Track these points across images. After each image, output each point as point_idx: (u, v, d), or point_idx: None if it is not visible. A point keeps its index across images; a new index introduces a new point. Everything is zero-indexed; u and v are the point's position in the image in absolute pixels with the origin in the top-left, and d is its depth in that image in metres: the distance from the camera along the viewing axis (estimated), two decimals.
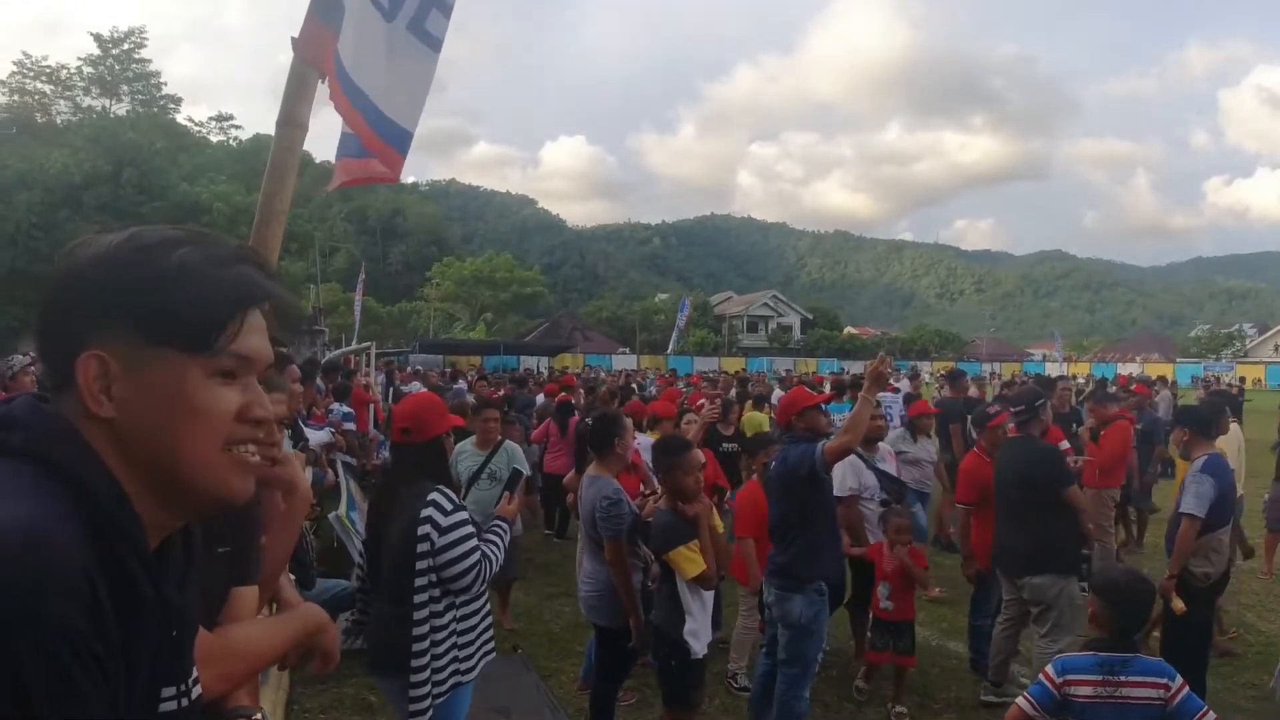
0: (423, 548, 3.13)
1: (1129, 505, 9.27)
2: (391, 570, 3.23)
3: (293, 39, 2.60)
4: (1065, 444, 7.17)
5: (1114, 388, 14.14)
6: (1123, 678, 2.90)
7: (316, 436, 6.72)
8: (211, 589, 1.74)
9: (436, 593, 3.17)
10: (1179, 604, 4.81)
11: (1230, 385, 26.98)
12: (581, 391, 13.36)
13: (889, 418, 8.62)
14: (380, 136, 3.08)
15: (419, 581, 3.13)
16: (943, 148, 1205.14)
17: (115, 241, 0.98)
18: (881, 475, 6.17)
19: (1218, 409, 6.03)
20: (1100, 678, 2.92)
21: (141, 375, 0.94)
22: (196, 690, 1.18)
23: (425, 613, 3.14)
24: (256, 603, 1.89)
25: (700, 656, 4.05)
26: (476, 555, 3.21)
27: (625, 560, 4.25)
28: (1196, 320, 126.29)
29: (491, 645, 3.47)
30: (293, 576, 2.83)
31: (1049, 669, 3.05)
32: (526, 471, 3.97)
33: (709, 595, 4.16)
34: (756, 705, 5.00)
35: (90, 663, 0.82)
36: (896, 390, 11.96)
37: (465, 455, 6.14)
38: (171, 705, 1.09)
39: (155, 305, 0.94)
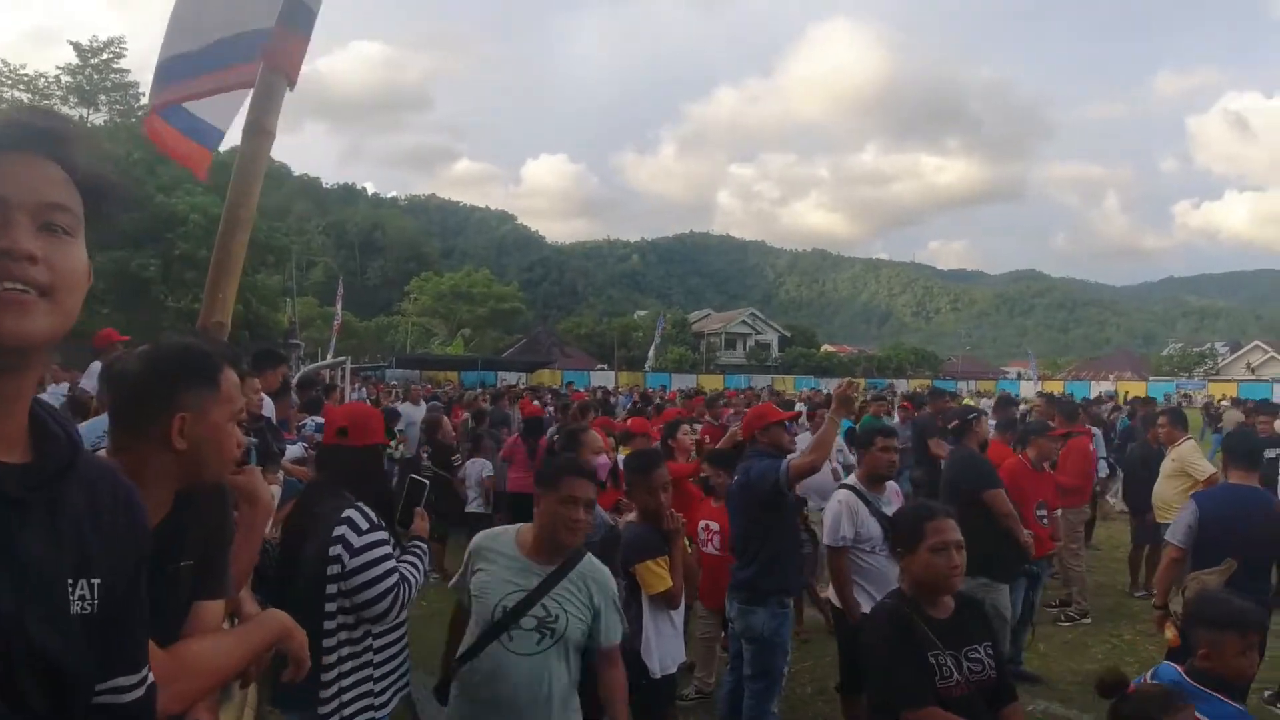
0: (333, 570, 2.81)
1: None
2: (302, 593, 2.85)
3: (261, 47, 2.59)
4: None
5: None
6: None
7: (289, 451, 6.65)
8: (174, 603, 1.71)
9: (350, 619, 2.86)
10: (1171, 633, 4.57)
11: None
12: (552, 409, 13.31)
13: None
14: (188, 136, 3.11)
15: (329, 607, 2.82)
16: (919, 169, 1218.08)
17: None
18: (886, 521, 4.87)
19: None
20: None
21: None
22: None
23: (334, 641, 2.83)
24: (220, 618, 1.85)
25: (660, 675, 3.99)
26: (394, 579, 2.88)
27: None
28: (1169, 339, 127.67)
29: (407, 679, 3.14)
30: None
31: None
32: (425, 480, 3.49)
33: (679, 614, 4.12)
34: None
35: None
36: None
37: None
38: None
39: None
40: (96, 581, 1.12)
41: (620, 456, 5.98)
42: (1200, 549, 4.65)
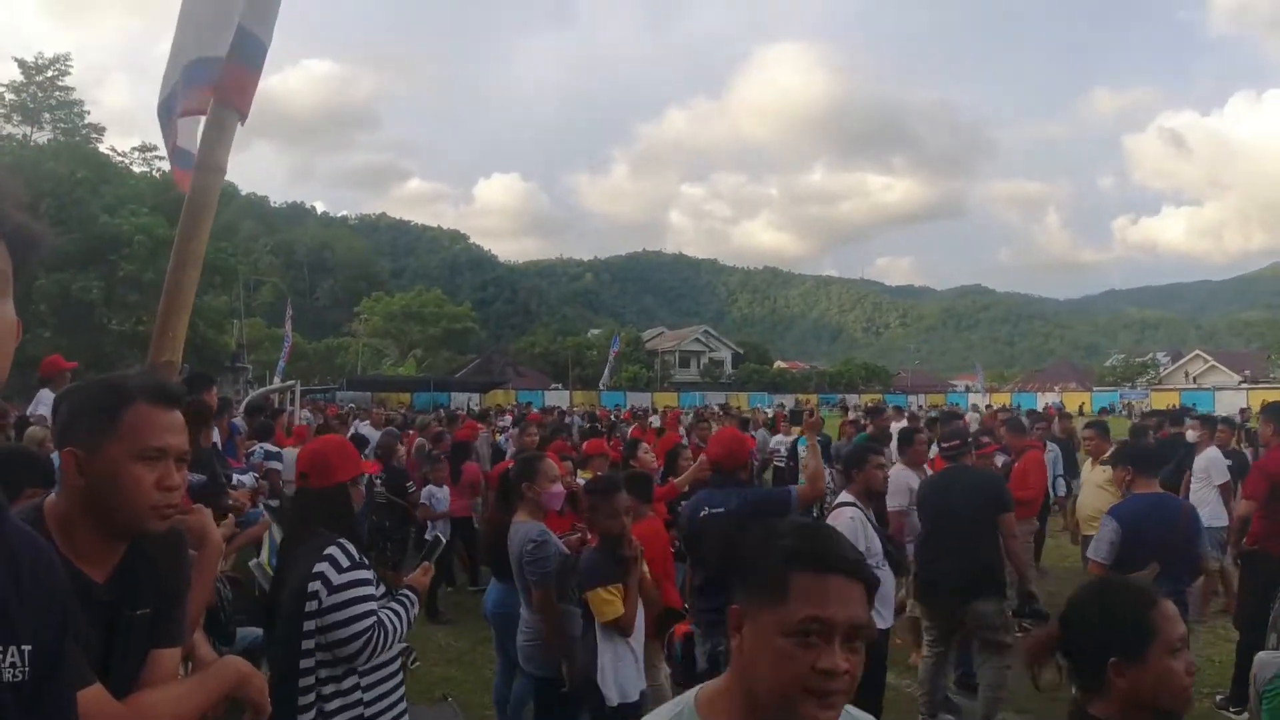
0: (310, 607, 2.71)
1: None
2: (280, 632, 2.81)
3: (213, 80, 2.55)
4: None
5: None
6: None
7: (239, 481, 6.53)
8: (130, 652, 1.69)
9: (327, 656, 2.75)
10: None
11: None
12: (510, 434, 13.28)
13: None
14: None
15: (304, 645, 2.72)
16: (866, 188, 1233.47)
17: None
18: (883, 535, 5.23)
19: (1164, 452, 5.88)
20: None
21: None
22: None
23: (311, 680, 2.72)
24: (177, 666, 1.83)
25: (618, 703, 3.93)
26: (369, 621, 2.76)
27: (553, 604, 4.17)
28: (1112, 350, 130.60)
29: (405, 717, 2.99)
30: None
31: None
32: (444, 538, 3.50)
33: (638, 641, 4.08)
34: None
35: None
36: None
37: None
38: None
39: None
40: (27, 649, 1.09)
41: (580, 480, 5.95)
42: (1122, 559, 4.82)
